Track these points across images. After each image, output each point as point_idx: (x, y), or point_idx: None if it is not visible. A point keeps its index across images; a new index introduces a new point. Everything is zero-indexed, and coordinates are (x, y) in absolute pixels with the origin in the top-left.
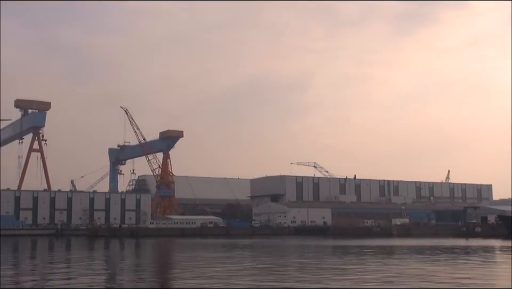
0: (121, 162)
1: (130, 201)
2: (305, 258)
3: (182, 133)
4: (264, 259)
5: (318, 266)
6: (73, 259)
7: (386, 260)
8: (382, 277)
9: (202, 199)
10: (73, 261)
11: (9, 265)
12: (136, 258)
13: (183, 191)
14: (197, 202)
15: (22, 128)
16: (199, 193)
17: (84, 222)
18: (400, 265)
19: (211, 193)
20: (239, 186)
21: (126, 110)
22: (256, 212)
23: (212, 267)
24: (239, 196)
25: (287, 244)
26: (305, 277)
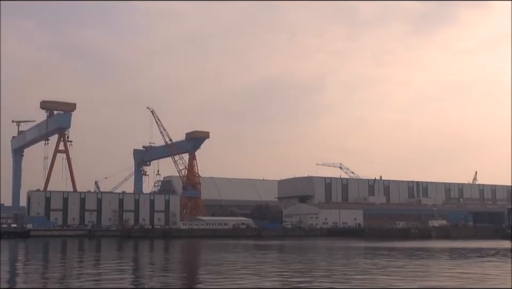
0: (146, 163)
1: (159, 202)
2: (381, 260)
3: (208, 134)
4: (343, 262)
5: (408, 269)
6: (141, 261)
7: (457, 262)
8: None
9: (228, 200)
10: (143, 264)
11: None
12: (191, 260)
13: (208, 192)
14: (223, 203)
15: (48, 129)
16: (225, 194)
17: (114, 223)
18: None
19: (237, 195)
20: (264, 187)
21: (152, 111)
22: (287, 213)
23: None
24: (264, 197)
25: (338, 246)
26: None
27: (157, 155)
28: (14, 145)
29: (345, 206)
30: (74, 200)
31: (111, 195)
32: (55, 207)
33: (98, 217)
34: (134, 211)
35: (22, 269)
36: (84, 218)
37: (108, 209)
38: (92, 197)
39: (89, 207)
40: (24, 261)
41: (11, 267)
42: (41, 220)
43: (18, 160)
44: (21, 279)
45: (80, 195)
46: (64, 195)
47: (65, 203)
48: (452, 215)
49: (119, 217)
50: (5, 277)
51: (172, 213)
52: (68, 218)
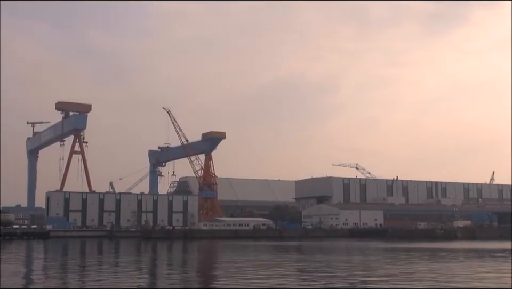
0: (162, 164)
1: (177, 203)
2: (437, 263)
3: (224, 134)
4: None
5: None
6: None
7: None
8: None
9: (244, 201)
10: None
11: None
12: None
13: (224, 193)
14: (239, 204)
15: (64, 130)
16: (241, 195)
17: (133, 224)
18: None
19: (253, 195)
20: (279, 187)
21: (168, 111)
22: (306, 214)
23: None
24: (280, 198)
25: (372, 247)
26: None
27: (172, 156)
28: (29, 147)
29: (365, 207)
30: (93, 201)
31: (129, 196)
32: (74, 208)
33: (117, 218)
34: (152, 212)
35: (82, 272)
36: (102, 219)
37: (127, 210)
38: (111, 197)
39: (107, 208)
40: (69, 262)
41: (62, 270)
42: (61, 221)
43: (34, 161)
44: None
45: (99, 196)
46: (83, 196)
47: (84, 204)
48: (476, 215)
49: (137, 218)
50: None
51: (190, 214)
52: (86, 219)
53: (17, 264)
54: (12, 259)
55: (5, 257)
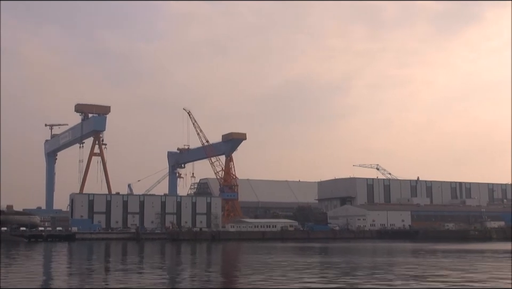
0: (181, 166)
1: (201, 204)
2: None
3: (245, 136)
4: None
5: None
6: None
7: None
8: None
9: (264, 202)
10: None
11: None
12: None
13: (245, 194)
14: (260, 205)
15: (83, 132)
16: (261, 196)
17: (159, 226)
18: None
19: (273, 196)
20: (300, 188)
21: (189, 112)
22: (332, 215)
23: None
24: (300, 199)
25: (419, 249)
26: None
27: (192, 157)
28: (47, 149)
29: (391, 208)
30: (117, 202)
31: (153, 198)
32: (98, 210)
33: (141, 220)
34: (175, 214)
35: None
36: (126, 221)
37: (150, 211)
38: (135, 199)
39: (131, 209)
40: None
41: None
42: (86, 223)
43: (52, 164)
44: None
45: (123, 197)
46: (107, 198)
47: (108, 206)
48: (505, 216)
49: (161, 220)
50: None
51: (213, 215)
52: (111, 221)
53: (77, 267)
54: (60, 260)
55: (57, 259)
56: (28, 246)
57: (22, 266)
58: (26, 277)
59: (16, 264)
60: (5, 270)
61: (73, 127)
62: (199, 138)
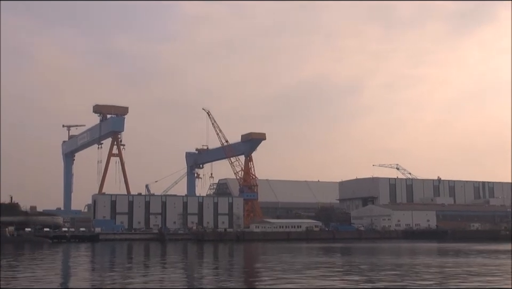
0: (199, 166)
1: (223, 204)
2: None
3: (264, 136)
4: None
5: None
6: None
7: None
8: None
9: (284, 203)
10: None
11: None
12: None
13: (264, 195)
14: (279, 205)
15: (101, 133)
16: (281, 196)
17: (181, 226)
18: None
19: (292, 197)
20: (319, 188)
21: (208, 112)
22: (355, 215)
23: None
24: (320, 199)
25: (461, 249)
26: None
27: (210, 157)
28: (65, 150)
29: (417, 207)
30: (139, 203)
31: (175, 198)
32: (121, 211)
33: (163, 220)
34: (197, 214)
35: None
36: (148, 222)
37: (172, 212)
38: (157, 200)
39: (153, 210)
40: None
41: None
42: (109, 223)
43: (70, 164)
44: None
45: (145, 198)
46: (129, 199)
47: (130, 207)
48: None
49: (183, 220)
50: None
51: (235, 216)
52: (133, 222)
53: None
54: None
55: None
56: (54, 246)
57: (76, 269)
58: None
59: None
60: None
61: (91, 128)
62: (218, 138)
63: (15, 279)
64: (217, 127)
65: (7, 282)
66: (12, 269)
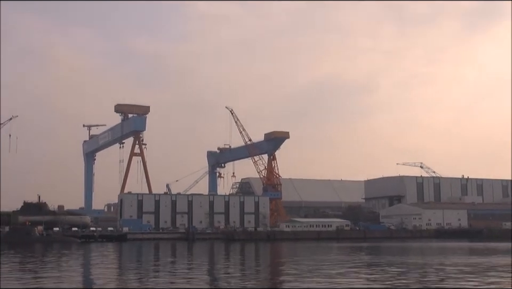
0: (221, 165)
1: (249, 203)
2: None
3: (288, 134)
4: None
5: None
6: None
7: None
8: None
9: (308, 202)
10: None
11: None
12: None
13: (287, 194)
14: (302, 205)
15: (123, 132)
16: (304, 195)
17: (208, 226)
18: None
19: (316, 196)
20: (343, 187)
21: (231, 110)
22: (384, 214)
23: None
24: (343, 198)
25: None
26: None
27: (232, 156)
28: (86, 150)
29: (448, 206)
30: (166, 202)
31: (201, 198)
32: (147, 210)
33: (189, 220)
34: (224, 214)
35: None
36: (175, 221)
37: (199, 211)
38: (183, 199)
39: (180, 209)
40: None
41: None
42: (136, 223)
43: (91, 164)
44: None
45: (171, 197)
46: (156, 198)
47: (156, 206)
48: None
49: (210, 219)
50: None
51: (262, 215)
52: (159, 221)
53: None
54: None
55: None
56: (83, 246)
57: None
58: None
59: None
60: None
61: (113, 127)
62: (241, 137)
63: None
64: (241, 125)
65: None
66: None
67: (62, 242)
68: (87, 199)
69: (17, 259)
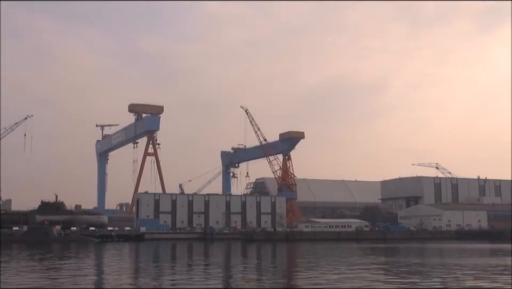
0: (235, 165)
1: (266, 203)
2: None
3: (303, 134)
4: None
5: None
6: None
7: None
8: None
9: (322, 202)
10: None
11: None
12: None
13: (301, 194)
14: (317, 205)
15: (136, 132)
16: (319, 196)
17: (225, 226)
18: None
19: (330, 196)
20: (357, 188)
21: (246, 110)
22: (403, 215)
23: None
24: (358, 198)
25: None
26: None
27: (247, 156)
28: (99, 149)
29: (468, 207)
30: (183, 202)
31: (218, 198)
32: (164, 210)
33: (206, 220)
34: (240, 214)
35: None
36: (192, 221)
37: (215, 211)
38: (200, 199)
39: (196, 209)
40: None
41: None
42: (153, 223)
43: (104, 164)
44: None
45: (188, 197)
46: (173, 198)
47: (173, 206)
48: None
49: (226, 219)
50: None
51: (278, 215)
52: (176, 221)
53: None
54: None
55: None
56: (102, 246)
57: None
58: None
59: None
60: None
61: (126, 127)
62: (256, 137)
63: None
64: (255, 125)
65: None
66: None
67: (80, 241)
68: (100, 198)
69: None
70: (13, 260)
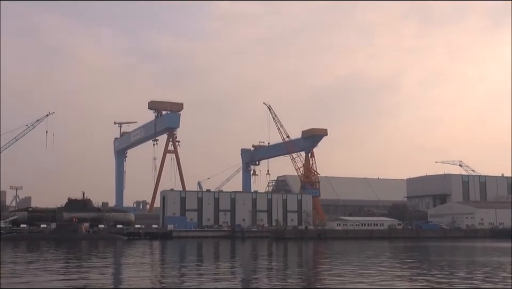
0: (255, 163)
1: (292, 201)
2: None
3: (326, 131)
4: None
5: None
6: None
7: None
8: None
9: (345, 200)
10: None
11: None
12: None
13: (324, 192)
14: (340, 203)
15: (156, 129)
16: (341, 193)
17: (253, 224)
18: None
19: (353, 194)
20: (380, 185)
21: (269, 106)
22: (433, 213)
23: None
24: (381, 196)
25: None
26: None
27: (268, 154)
28: (117, 147)
29: (502, 205)
30: (209, 200)
31: (244, 195)
32: (190, 207)
33: (232, 217)
34: (266, 212)
35: None
36: (218, 218)
37: (241, 209)
38: (226, 196)
39: (223, 207)
40: None
41: None
42: (181, 221)
43: (122, 161)
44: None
45: (214, 195)
46: (199, 195)
47: (199, 203)
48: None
49: (252, 217)
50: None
51: (305, 213)
52: (202, 219)
53: None
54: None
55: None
56: (132, 243)
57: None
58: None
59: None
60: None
61: (145, 124)
62: (279, 133)
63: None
64: (278, 121)
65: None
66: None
67: (108, 239)
68: (118, 196)
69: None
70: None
